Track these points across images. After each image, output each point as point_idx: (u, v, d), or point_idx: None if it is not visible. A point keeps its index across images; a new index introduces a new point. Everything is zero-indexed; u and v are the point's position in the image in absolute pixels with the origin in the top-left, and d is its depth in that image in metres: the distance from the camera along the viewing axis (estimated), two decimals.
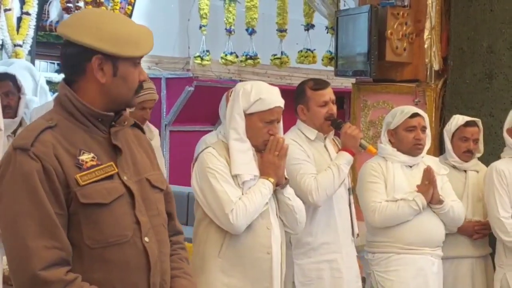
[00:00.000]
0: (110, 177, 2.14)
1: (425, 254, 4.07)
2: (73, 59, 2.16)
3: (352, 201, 3.95)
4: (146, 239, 2.17)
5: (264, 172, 3.27)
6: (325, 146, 3.90)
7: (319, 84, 3.89)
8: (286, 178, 3.35)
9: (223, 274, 3.20)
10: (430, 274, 4.07)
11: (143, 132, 2.43)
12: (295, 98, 3.92)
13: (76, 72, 2.17)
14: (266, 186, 3.23)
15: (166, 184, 2.39)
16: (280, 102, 3.28)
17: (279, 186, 3.31)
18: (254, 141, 3.26)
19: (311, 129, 3.86)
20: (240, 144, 3.23)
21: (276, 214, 3.34)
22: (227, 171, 3.19)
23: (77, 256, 2.08)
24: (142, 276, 2.16)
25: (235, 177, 3.21)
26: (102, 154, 2.16)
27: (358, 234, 3.97)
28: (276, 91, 3.31)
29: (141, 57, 2.22)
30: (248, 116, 3.24)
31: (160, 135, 4.78)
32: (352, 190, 4.00)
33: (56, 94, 2.26)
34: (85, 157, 2.11)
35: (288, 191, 3.36)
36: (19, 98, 4.67)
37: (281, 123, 3.35)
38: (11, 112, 4.51)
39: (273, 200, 3.32)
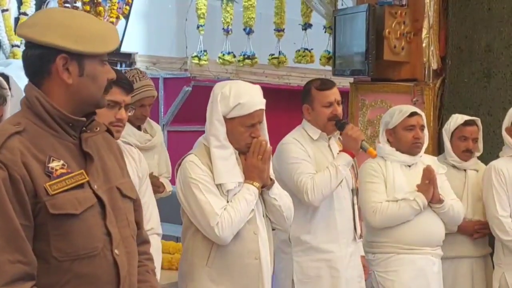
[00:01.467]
0: (81, 186, 2.03)
1: (426, 254, 4.07)
2: (36, 61, 2.05)
3: (356, 201, 3.93)
4: (117, 251, 2.07)
5: (248, 176, 3.21)
6: (329, 146, 3.90)
7: (325, 85, 3.88)
8: (271, 179, 3.31)
9: (212, 282, 3.16)
10: (431, 274, 4.08)
11: (113, 135, 2.31)
12: (302, 97, 3.92)
13: (41, 74, 2.05)
14: (251, 191, 3.18)
15: (136, 193, 2.30)
16: (261, 104, 3.20)
17: (264, 187, 3.27)
18: (236, 145, 3.20)
19: (315, 128, 3.86)
20: (222, 151, 3.17)
21: (263, 215, 3.30)
22: (210, 180, 3.14)
23: (43, 269, 1.96)
24: None
25: (219, 185, 3.16)
26: (71, 161, 2.04)
27: (361, 235, 3.96)
28: (255, 92, 3.22)
29: (107, 54, 2.10)
30: (229, 120, 3.17)
31: None
32: (356, 191, 3.99)
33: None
34: (55, 164, 1.99)
35: (274, 192, 3.31)
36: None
37: (264, 123, 3.27)
38: None
39: (259, 201, 3.28)
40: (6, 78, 4.72)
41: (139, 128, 4.36)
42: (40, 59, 2.04)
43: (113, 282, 2.06)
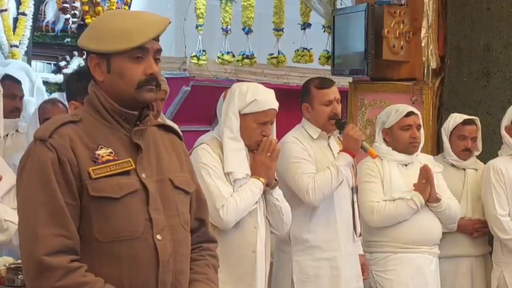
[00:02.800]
0: (127, 172, 2.16)
1: (423, 252, 4.08)
2: (85, 61, 2.27)
3: (355, 200, 3.94)
4: (159, 236, 2.15)
5: (255, 172, 3.32)
6: (328, 144, 3.91)
7: (324, 83, 3.91)
8: (276, 179, 3.41)
9: None
10: (428, 273, 4.08)
11: (181, 138, 2.44)
12: (301, 96, 3.94)
13: (90, 73, 2.27)
14: (256, 185, 3.29)
15: (195, 188, 2.38)
16: (274, 104, 3.35)
17: (268, 186, 3.36)
18: (247, 141, 3.32)
19: (314, 127, 3.88)
20: (234, 143, 3.30)
21: (264, 214, 3.39)
22: (220, 168, 3.26)
23: (86, 249, 2.10)
24: (152, 274, 2.14)
25: (227, 174, 3.28)
26: (122, 151, 2.18)
27: (361, 233, 3.97)
28: (271, 94, 3.37)
29: (135, 49, 2.18)
30: (243, 116, 3.30)
31: None
32: (356, 189, 3.99)
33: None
34: (103, 151, 2.14)
35: (277, 192, 3.42)
36: None
37: (274, 125, 3.41)
38: (18, 114, 4.57)
39: (262, 200, 3.37)
40: (19, 82, 4.81)
41: None
42: (86, 60, 2.27)
43: (154, 266, 2.15)
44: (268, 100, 3.34)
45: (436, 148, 5.21)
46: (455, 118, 4.54)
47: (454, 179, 4.41)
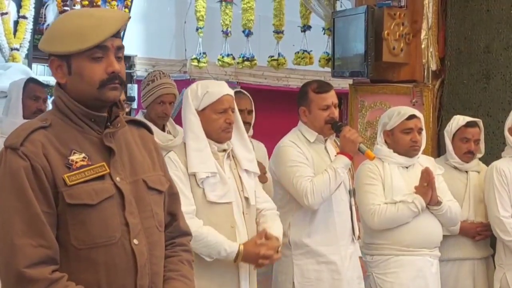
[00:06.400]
0: (101, 177, 2.12)
1: (424, 255, 4.07)
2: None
3: (353, 203, 3.94)
4: (135, 241, 2.14)
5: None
6: (325, 148, 3.90)
7: (322, 87, 3.88)
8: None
9: None
10: (429, 275, 4.07)
11: (151, 132, 2.41)
12: (298, 99, 3.92)
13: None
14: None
15: (168, 185, 2.35)
16: (227, 90, 3.33)
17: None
18: (214, 134, 3.30)
19: (311, 131, 3.86)
20: (196, 142, 3.27)
21: (243, 212, 3.32)
22: (182, 176, 3.20)
23: (64, 256, 2.07)
24: (129, 278, 2.13)
25: (192, 176, 3.22)
26: (95, 155, 2.14)
27: (359, 236, 3.96)
28: (222, 83, 3.39)
29: (94, 49, 2.11)
30: (202, 112, 3.30)
31: None
32: (353, 192, 3.99)
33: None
34: (76, 157, 2.10)
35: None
36: None
37: (237, 113, 3.40)
38: None
39: (240, 199, 3.32)
40: (42, 84, 4.83)
41: (163, 128, 4.43)
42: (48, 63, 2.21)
43: (131, 271, 2.14)
44: (220, 88, 3.32)
45: (436, 150, 5.21)
46: (458, 120, 4.52)
47: (456, 181, 4.41)
